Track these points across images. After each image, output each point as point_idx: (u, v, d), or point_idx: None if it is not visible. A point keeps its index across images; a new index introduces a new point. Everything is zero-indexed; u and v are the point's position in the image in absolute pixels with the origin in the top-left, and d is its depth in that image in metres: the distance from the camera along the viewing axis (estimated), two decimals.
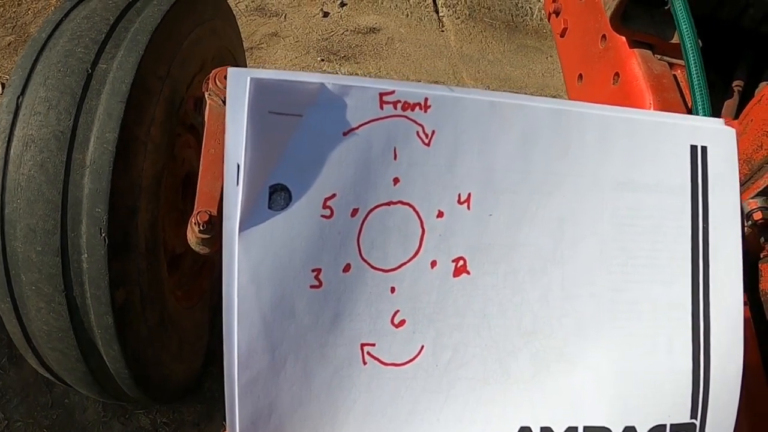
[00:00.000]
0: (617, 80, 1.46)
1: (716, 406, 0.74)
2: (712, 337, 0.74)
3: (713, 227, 0.75)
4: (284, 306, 0.64)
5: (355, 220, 0.65)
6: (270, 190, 0.65)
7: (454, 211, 0.66)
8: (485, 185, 0.67)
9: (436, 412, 0.68)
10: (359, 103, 0.65)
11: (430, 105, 0.65)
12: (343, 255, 0.66)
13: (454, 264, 0.67)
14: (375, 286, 0.66)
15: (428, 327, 0.67)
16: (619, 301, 0.72)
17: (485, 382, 0.69)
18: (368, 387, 0.67)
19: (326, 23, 3.02)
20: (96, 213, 1.22)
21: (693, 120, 0.77)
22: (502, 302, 0.68)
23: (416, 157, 0.65)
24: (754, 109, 1.10)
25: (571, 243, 0.69)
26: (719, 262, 0.75)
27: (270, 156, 0.64)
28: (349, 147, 0.65)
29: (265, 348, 0.64)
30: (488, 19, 3.30)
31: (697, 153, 0.75)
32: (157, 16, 1.39)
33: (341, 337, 0.65)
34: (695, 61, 1.17)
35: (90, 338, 1.32)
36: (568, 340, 0.70)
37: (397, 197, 0.66)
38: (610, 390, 0.72)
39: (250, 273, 0.63)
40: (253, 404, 0.65)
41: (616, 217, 0.72)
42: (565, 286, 0.69)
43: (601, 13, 1.49)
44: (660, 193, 0.73)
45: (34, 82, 1.27)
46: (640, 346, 0.73)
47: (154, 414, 1.87)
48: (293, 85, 0.64)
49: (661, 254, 0.73)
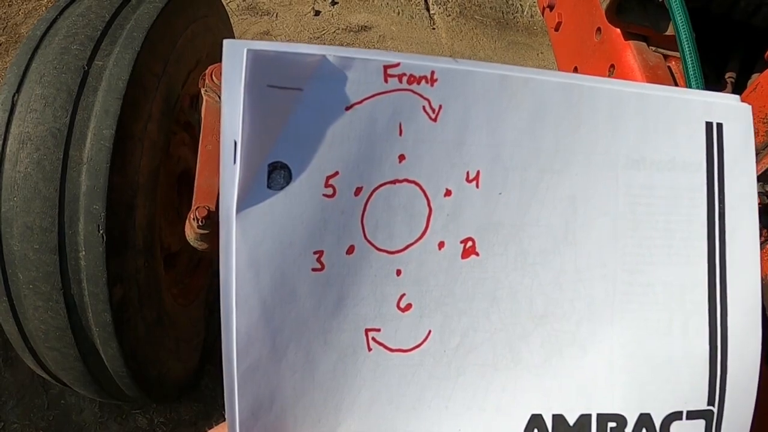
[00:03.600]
0: (613, 72, 1.47)
1: (734, 392, 0.72)
2: (729, 321, 0.72)
3: (730, 206, 0.73)
4: (285, 290, 0.62)
5: (359, 199, 0.63)
6: (269, 168, 0.61)
7: (462, 189, 0.65)
8: (494, 162, 0.65)
9: (444, 400, 0.67)
10: (362, 76, 0.62)
11: (437, 78, 0.63)
12: (346, 236, 0.63)
13: (463, 245, 0.66)
14: (380, 268, 0.64)
15: (435, 311, 0.65)
16: (633, 283, 0.70)
17: (495, 368, 0.67)
18: (374, 374, 0.65)
19: (318, 22, 3.02)
20: (93, 210, 1.21)
21: (708, 96, 0.74)
22: (512, 285, 0.66)
23: (423, 133, 0.63)
24: (750, 96, 1.10)
25: (582, 223, 0.68)
26: (736, 242, 0.73)
27: (269, 132, 0.61)
28: (352, 122, 0.62)
29: (266, 334, 0.61)
30: (479, 17, 3.30)
31: (712, 130, 0.73)
32: (152, 13, 1.39)
33: (345, 323, 0.63)
34: (690, 51, 1.18)
35: (88, 336, 1.31)
36: (580, 323, 0.69)
37: (403, 175, 0.64)
38: (623, 376, 0.70)
39: (248, 256, 0.60)
40: (254, 393, 0.62)
41: (629, 196, 0.70)
42: (578, 268, 0.68)
43: (595, 6, 1.50)
44: (674, 171, 0.71)
45: (29, 80, 1.26)
46: (654, 329, 0.71)
47: (151, 413, 1.86)
48: (293, 57, 0.61)
49: (676, 234, 0.71)
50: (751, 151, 0.75)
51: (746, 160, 0.74)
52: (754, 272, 0.74)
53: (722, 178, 0.73)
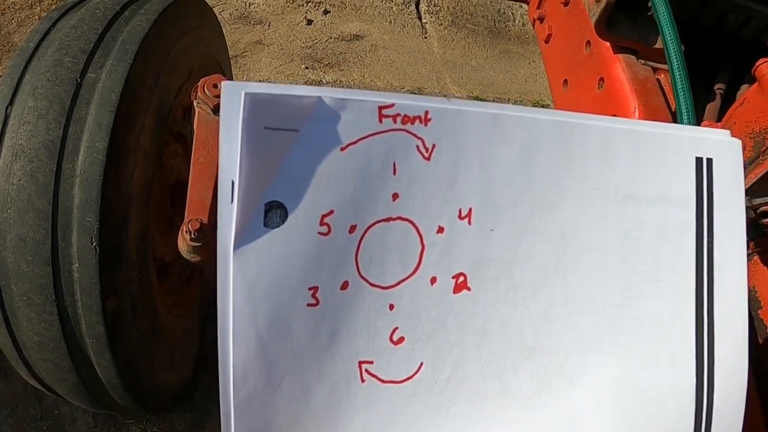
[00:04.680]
0: (602, 85, 1.48)
1: (720, 424, 0.72)
2: (716, 353, 0.72)
3: (718, 241, 0.74)
4: (281, 325, 0.63)
5: (353, 236, 0.64)
6: (265, 207, 0.63)
7: (454, 226, 0.65)
8: (486, 199, 0.65)
9: (436, 430, 0.67)
10: (357, 117, 0.63)
11: (431, 118, 0.64)
12: (340, 272, 0.64)
13: (455, 280, 0.66)
14: (373, 303, 0.65)
15: (427, 344, 0.66)
16: (622, 317, 0.71)
17: (485, 399, 0.68)
18: (366, 405, 0.66)
19: (310, 31, 3.03)
20: (87, 222, 1.21)
21: (698, 131, 0.75)
22: (502, 318, 0.67)
23: (416, 171, 0.64)
24: (737, 111, 1.12)
25: (573, 257, 0.68)
26: (724, 276, 0.73)
27: (265, 172, 0.63)
28: (347, 162, 0.63)
29: (262, 367, 0.63)
30: (471, 26, 3.32)
31: (702, 165, 0.73)
32: (145, 25, 1.39)
33: (339, 355, 0.64)
34: (678, 65, 1.19)
35: (81, 348, 1.32)
36: (569, 356, 0.69)
37: (397, 213, 0.64)
38: (611, 408, 0.70)
39: (245, 292, 0.62)
40: (249, 424, 0.63)
41: (619, 231, 0.70)
42: (567, 301, 0.68)
43: (585, 20, 1.51)
44: (664, 206, 0.71)
45: (22, 92, 1.26)
46: (642, 362, 0.71)
47: (144, 423, 1.86)
48: (289, 100, 0.63)
49: (664, 269, 0.72)
50: (740, 185, 0.76)
51: (735, 195, 0.75)
52: (741, 305, 0.74)
53: (711, 213, 0.74)
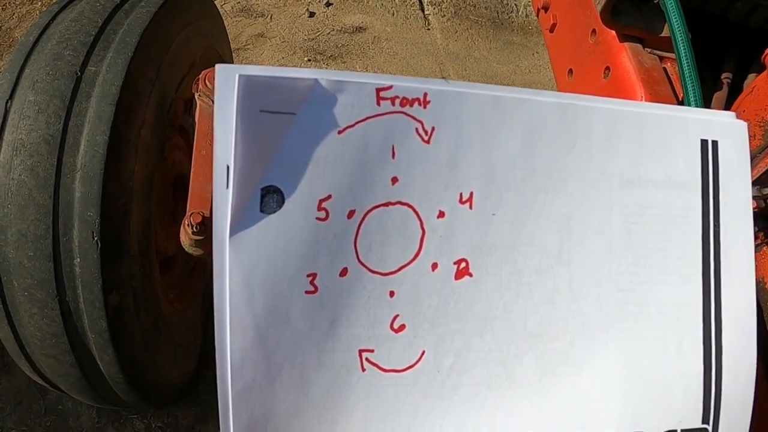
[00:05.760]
0: (608, 74, 1.47)
1: (729, 410, 0.70)
2: (724, 339, 0.71)
3: (725, 224, 0.72)
4: (278, 312, 0.62)
5: (352, 222, 0.63)
6: (262, 192, 0.62)
7: (455, 210, 0.64)
8: (488, 183, 0.64)
9: (438, 419, 0.66)
10: (355, 99, 0.62)
11: (430, 100, 0.62)
12: (339, 259, 0.63)
13: (456, 266, 0.65)
14: (373, 290, 0.64)
15: (429, 332, 0.65)
16: (627, 302, 0.69)
17: (489, 387, 0.67)
18: (367, 394, 0.65)
19: (312, 23, 3.02)
20: (88, 216, 1.21)
21: (703, 113, 0.73)
22: (506, 305, 0.66)
23: (415, 155, 0.63)
24: (746, 99, 1.10)
25: (577, 242, 0.67)
26: (731, 261, 0.72)
27: (261, 157, 0.61)
28: (345, 146, 0.62)
29: (260, 356, 0.61)
30: (474, 17, 3.30)
31: (707, 147, 0.72)
32: (145, 17, 1.38)
33: (339, 344, 0.63)
34: (686, 52, 1.18)
35: (84, 343, 1.31)
36: (574, 342, 0.68)
37: (396, 197, 0.63)
38: (618, 395, 0.69)
39: (242, 279, 0.61)
40: (248, 414, 0.62)
41: (624, 215, 0.69)
42: (572, 287, 0.67)
43: (590, 8, 1.50)
44: (669, 190, 0.70)
45: (22, 86, 1.25)
46: (648, 348, 0.70)
47: (148, 418, 1.86)
48: (285, 82, 0.62)
49: (670, 253, 0.70)
50: (746, 167, 0.74)
51: (741, 177, 0.74)
52: (749, 290, 0.72)
53: (717, 196, 0.72)
